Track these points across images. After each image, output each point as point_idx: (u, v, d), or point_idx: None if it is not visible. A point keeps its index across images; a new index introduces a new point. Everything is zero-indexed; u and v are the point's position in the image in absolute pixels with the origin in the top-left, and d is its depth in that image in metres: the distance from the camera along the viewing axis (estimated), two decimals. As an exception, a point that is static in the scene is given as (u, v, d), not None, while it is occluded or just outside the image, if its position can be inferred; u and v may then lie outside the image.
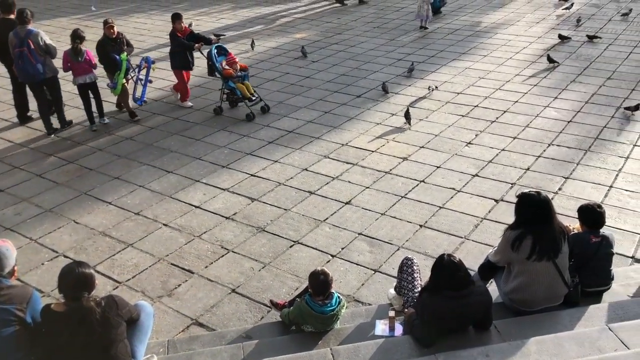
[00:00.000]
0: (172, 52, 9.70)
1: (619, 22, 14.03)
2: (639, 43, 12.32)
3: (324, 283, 4.15)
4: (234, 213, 6.61)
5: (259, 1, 18.29)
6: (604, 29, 13.54)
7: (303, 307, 4.19)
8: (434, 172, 7.37)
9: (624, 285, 4.75)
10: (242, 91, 9.20)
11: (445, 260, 3.83)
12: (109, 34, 8.95)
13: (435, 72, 11.09)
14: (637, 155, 7.55)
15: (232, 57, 9.46)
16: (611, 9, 15.34)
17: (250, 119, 9.11)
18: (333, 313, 4.19)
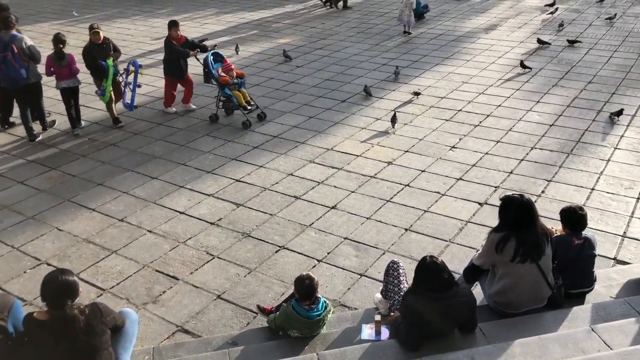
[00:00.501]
0: (166, 59, 9.54)
1: (599, 27, 14.24)
2: (619, 47, 12.51)
3: (309, 288, 4.15)
4: (219, 219, 6.59)
5: (243, 7, 18.29)
6: (584, 33, 13.73)
7: (289, 312, 4.19)
8: (418, 176, 7.40)
9: (606, 287, 4.81)
10: (238, 99, 9.09)
11: (427, 261, 3.85)
12: (95, 40, 8.81)
13: (419, 76, 11.16)
14: (618, 158, 7.65)
15: (228, 64, 9.36)
16: (591, 13, 15.56)
17: (247, 126, 8.99)
18: (319, 318, 4.19)
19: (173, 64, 9.43)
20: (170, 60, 9.42)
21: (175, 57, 9.33)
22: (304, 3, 18.45)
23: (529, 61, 11.82)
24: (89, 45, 8.86)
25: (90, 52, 8.79)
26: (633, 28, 13.98)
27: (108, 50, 8.91)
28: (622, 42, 12.90)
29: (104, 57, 8.76)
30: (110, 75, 8.78)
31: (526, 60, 11.87)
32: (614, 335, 3.86)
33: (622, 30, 13.78)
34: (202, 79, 9.70)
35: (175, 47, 9.31)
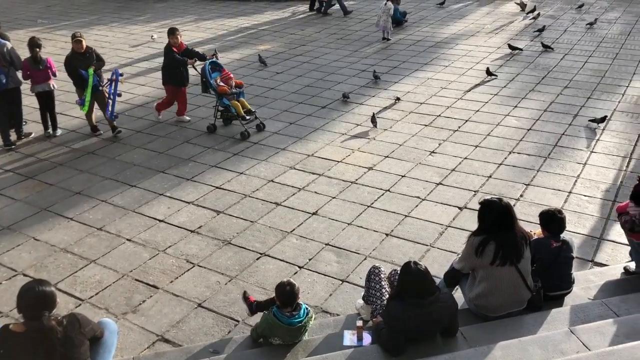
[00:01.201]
0: (164, 66, 9.34)
1: (574, 32, 14.47)
2: (593, 53, 12.73)
3: (290, 294, 4.13)
4: (199, 226, 6.54)
5: (222, 13, 18.25)
6: (560, 39, 13.94)
7: (271, 319, 4.16)
8: (399, 181, 7.44)
9: (584, 289, 4.87)
10: (236, 109, 8.87)
11: (412, 268, 3.86)
12: (77, 49, 8.61)
13: (399, 82, 11.23)
14: (594, 162, 7.78)
15: (227, 73, 9.15)
16: (567, 19, 15.82)
17: (245, 137, 8.80)
18: (301, 324, 4.17)
19: (174, 71, 9.22)
20: (171, 67, 9.21)
21: (174, 64, 9.13)
22: (282, 10, 18.47)
23: (506, 66, 11.99)
24: (71, 54, 8.69)
25: (72, 61, 8.61)
26: (607, 34, 14.24)
27: (91, 60, 8.70)
28: (597, 47, 13.13)
29: (86, 66, 8.56)
30: (89, 84, 8.57)
31: (503, 65, 12.03)
32: (592, 337, 3.90)
33: (596, 36, 14.03)
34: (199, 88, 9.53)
35: (174, 55, 9.10)
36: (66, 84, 9.63)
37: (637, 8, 16.80)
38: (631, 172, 7.43)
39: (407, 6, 17.43)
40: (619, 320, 4.13)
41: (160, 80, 11.23)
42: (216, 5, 19.46)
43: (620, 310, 4.39)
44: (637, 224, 4.80)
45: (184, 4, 20.00)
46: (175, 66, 9.16)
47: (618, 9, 16.70)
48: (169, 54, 9.14)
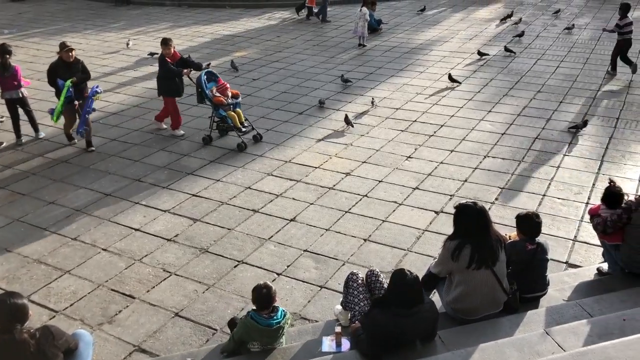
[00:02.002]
0: (160, 77, 9.12)
1: (546, 38, 14.73)
2: (565, 57, 12.97)
3: (267, 296, 4.12)
4: (176, 235, 6.48)
5: (198, 20, 18.18)
6: (532, 44, 14.18)
7: (248, 322, 4.13)
8: (376, 187, 7.47)
9: (559, 290, 4.95)
10: (233, 120, 8.69)
11: (408, 277, 3.84)
12: (66, 58, 8.34)
13: (375, 88, 11.30)
14: (567, 165, 7.91)
15: (223, 84, 8.95)
16: (539, 25, 16.09)
17: (242, 149, 8.59)
18: (279, 326, 4.16)
19: (169, 81, 9.01)
20: (166, 78, 9.01)
21: (169, 75, 8.95)
22: (258, 17, 18.48)
23: (480, 71, 12.15)
24: (56, 63, 8.43)
25: (56, 70, 8.36)
26: (577, 39, 14.53)
27: (75, 71, 8.42)
28: (568, 52, 13.38)
29: (70, 76, 8.30)
30: (62, 95, 8.30)
31: (477, 71, 12.18)
32: (567, 337, 3.96)
33: (567, 41, 14.30)
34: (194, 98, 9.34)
35: (169, 66, 8.92)
36: (39, 92, 9.49)
37: (606, 14, 17.18)
38: (603, 174, 7.57)
39: (383, 12, 17.58)
40: (593, 321, 4.20)
41: (136, 88, 11.24)
42: (191, 12, 19.39)
43: (594, 310, 4.46)
44: (609, 226, 4.90)
45: (159, 11, 19.90)
46: (171, 77, 8.97)
47: (588, 15, 17.06)
48: (164, 64, 8.94)
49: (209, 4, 20.27)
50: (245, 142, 8.69)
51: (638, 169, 7.72)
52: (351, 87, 11.42)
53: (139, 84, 12.00)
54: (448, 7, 18.94)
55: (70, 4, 21.78)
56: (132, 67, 13.24)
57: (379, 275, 4.59)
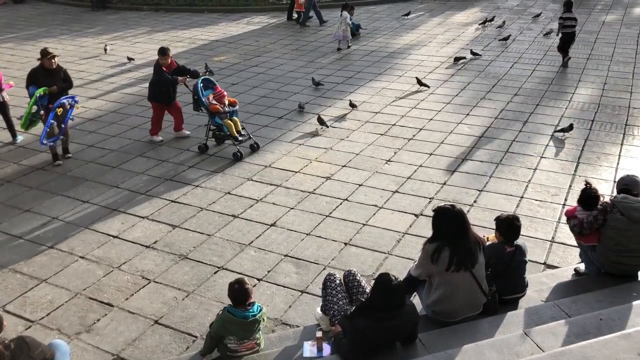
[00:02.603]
0: (152, 83, 8.98)
1: (522, 42, 14.91)
2: (541, 61, 13.15)
3: (239, 290, 4.16)
4: (155, 241, 6.42)
5: (175, 25, 18.07)
6: (509, 48, 14.35)
7: (225, 315, 4.17)
8: (356, 190, 7.49)
9: (537, 291, 5.00)
10: (229, 128, 8.47)
11: (394, 283, 3.85)
12: (48, 65, 8.13)
13: (354, 92, 11.34)
14: (544, 167, 8.01)
15: (220, 91, 8.74)
16: (515, 29, 16.28)
17: (238, 158, 8.40)
18: (255, 319, 4.17)
19: (160, 88, 8.87)
20: (158, 85, 8.86)
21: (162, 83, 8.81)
22: (237, 21, 18.43)
23: (457, 75, 12.25)
24: (36, 69, 8.21)
25: (35, 76, 8.14)
26: (553, 42, 14.73)
27: (56, 79, 8.20)
28: (544, 56, 13.57)
29: (49, 84, 8.07)
30: (31, 103, 8.05)
31: (455, 74, 12.29)
32: (546, 338, 4.00)
33: (543, 45, 14.50)
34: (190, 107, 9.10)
35: (164, 75, 8.76)
36: (13, 97, 9.34)
37: (580, 18, 17.43)
38: (579, 176, 7.68)
39: (361, 17, 17.64)
40: (570, 321, 4.25)
41: (114, 94, 11.15)
42: (169, 17, 19.27)
43: (572, 310, 4.52)
44: (586, 228, 4.97)
45: (136, 15, 19.73)
46: (163, 85, 8.82)
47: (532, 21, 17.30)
48: (159, 72, 8.79)
49: (187, 9, 20.17)
50: (242, 152, 8.49)
51: (613, 170, 7.85)
52: (331, 91, 11.44)
53: (116, 90, 11.88)
54: (426, 12, 19.09)
55: (45, 9, 21.50)
56: (110, 73, 13.11)
57: (356, 274, 4.60)
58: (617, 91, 11.01)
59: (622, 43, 14.50)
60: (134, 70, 13.27)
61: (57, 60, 8.31)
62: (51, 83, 8.15)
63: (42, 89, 8.03)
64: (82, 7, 21.34)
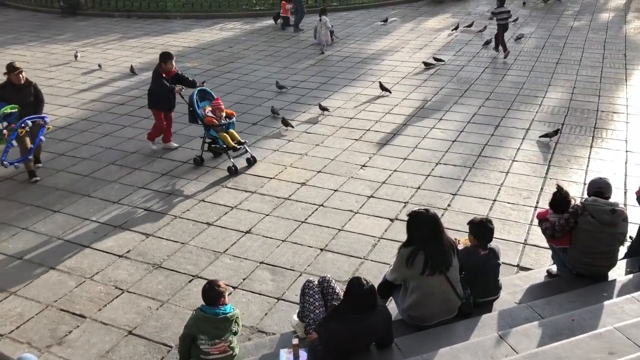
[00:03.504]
0: (151, 91, 8.77)
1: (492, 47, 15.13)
2: (512, 65, 13.36)
3: (209, 290, 4.16)
4: (128, 250, 6.33)
5: (147, 31, 17.90)
6: (480, 53, 14.55)
7: (197, 313, 4.17)
8: (332, 196, 7.49)
9: (511, 293, 5.06)
10: (225, 141, 8.17)
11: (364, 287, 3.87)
12: (16, 81, 7.80)
13: (328, 98, 11.36)
14: (516, 170, 8.12)
15: (218, 103, 8.47)
16: (486, 34, 16.51)
17: (232, 172, 8.10)
18: (226, 316, 4.14)
19: (160, 95, 8.65)
20: (157, 92, 8.64)
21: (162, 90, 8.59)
22: (210, 28, 18.33)
23: (430, 80, 12.37)
24: (4, 85, 7.86)
25: (2, 93, 7.75)
26: (523, 47, 15.00)
27: (26, 96, 7.82)
28: (515, 60, 13.79)
29: (18, 101, 7.70)
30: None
31: (428, 80, 12.41)
32: (520, 340, 4.05)
33: (514, 50, 14.72)
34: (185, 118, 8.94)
35: (163, 82, 8.53)
36: None
37: (549, 23, 17.81)
38: (550, 178, 7.81)
39: (335, 23, 17.67)
40: (544, 322, 4.31)
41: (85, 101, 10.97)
42: (141, 24, 19.08)
43: (545, 312, 4.58)
44: (558, 231, 5.05)
45: (107, 22, 19.50)
46: (162, 92, 8.61)
47: (532, 24, 17.64)
48: (158, 79, 8.56)
49: (159, 15, 20.00)
50: (237, 166, 8.20)
51: (583, 173, 8.00)
52: (305, 96, 11.45)
53: (87, 97, 11.71)
54: (398, 18, 19.26)
55: (13, 15, 21.12)
56: (81, 80, 12.92)
57: (330, 281, 4.59)
58: (586, 95, 11.24)
59: (589, 48, 14.83)
60: (105, 77, 13.10)
61: (24, 74, 7.97)
62: (20, 99, 7.79)
63: (9, 107, 7.64)
64: (52, 14, 21.01)
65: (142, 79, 12.78)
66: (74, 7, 20.73)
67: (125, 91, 12.06)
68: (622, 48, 14.75)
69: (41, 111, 8.10)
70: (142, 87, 12.26)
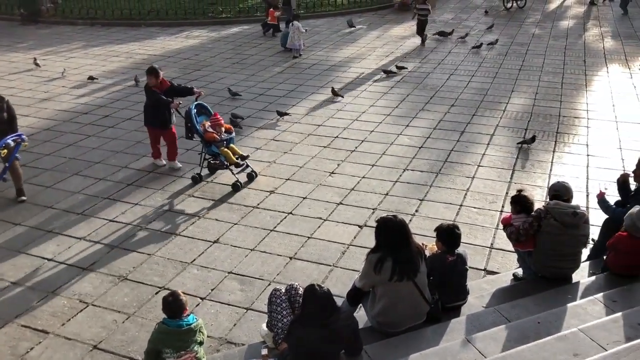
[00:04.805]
0: (146, 106, 8.34)
1: (457, 54, 15.37)
2: (476, 72, 13.58)
3: (173, 303, 4.09)
4: (92, 263, 6.20)
5: (111, 40, 17.63)
6: (445, 60, 14.76)
7: (159, 327, 4.11)
8: (300, 203, 7.47)
9: (478, 297, 5.11)
10: (227, 157, 7.82)
11: (316, 291, 3.88)
12: None
13: (296, 105, 11.36)
14: (481, 175, 8.24)
15: (217, 118, 8.10)
16: (451, 41, 16.77)
17: (238, 189, 7.81)
18: (189, 328, 4.08)
19: (155, 112, 8.19)
20: (152, 107, 8.20)
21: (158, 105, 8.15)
22: (175, 35, 18.16)
23: (396, 87, 12.49)
24: None
25: None
26: (487, 55, 15.27)
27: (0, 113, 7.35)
28: (478, 67, 14.02)
29: None
30: None
31: (394, 87, 12.53)
32: (487, 344, 4.09)
33: (478, 57, 14.99)
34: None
35: (159, 96, 8.07)
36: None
37: (511, 30, 18.18)
38: (515, 183, 7.94)
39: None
40: (510, 326, 4.37)
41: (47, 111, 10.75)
42: (105, 32, 18.79)
43: (511, 315, 4.64)
44: (522, 234, 5.13)
45: (70, 30, 19.13)
46: (159, 107, 8.16)
47: (495, 32, 17.97)
48: (152, 94, 8.11)
49: (124, 23, 19.71)
50: (241, 182, 7.94)
51: (547, 177, 8.16)
52: (273, 104, 11.41)
53: (49, 106, 11.46)
54: (364, 25, 19.41)
55: (-28, 23, 20.58)
56: (42, 89, 12.63)
57: (298, 289, 4.56)
58: (548, 100, 11.50)
59: (551, 54, 15.19)
60: (68, 85, 12.85)
61: None
62: None
63: None
64: (12, 22, 20.51)
65: (106, 88, 12.58)
66: (35, 15, 20.29)
67: (88, 100, 11.84)
68: (582, 54, 15.16)
69: (16, 128, 7.66)
70: (106, 95, 12.10)
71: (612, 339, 3.94)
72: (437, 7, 22.75)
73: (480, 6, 22.66)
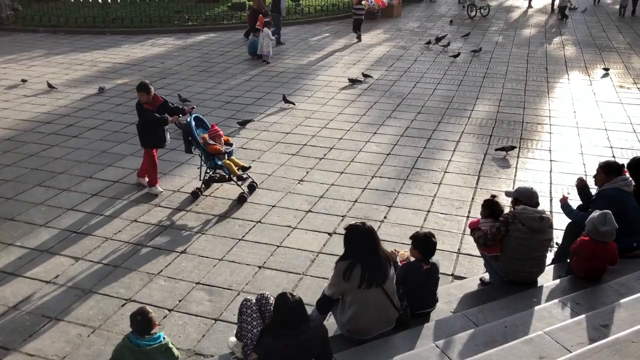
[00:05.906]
0: (140, 125, 7.85)
1: (423, 62, 15.58)
2: (441, 80, 13.78)
3: (141, 322, 4.01)
4: (56, 276, 6.04)
5: (75, 47, 17.32)
6: (411, 68, 14.94)
7: (123, 341, 4.04)
8: (269, 212, 7.44)
9: (446, 302, 5.16)
10: (230, 169, 7.63)
11: (290, 301, 3.84)
12: None
13: (264, 113, 11.34)
14: (448, 181, 8.34)
15: (217, 130, 7.82)
16: (416, 50, 17.00)
17: (244, 199, 7.67)
18: (150, 349, 3.98)
19: (151, 131, 7.78)
20: (147, 126, 7.77)
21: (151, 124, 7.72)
22: (141, 43, 17.95)
23: (364, 95, 12.58)
24: None
25: None
26: (452, 62, 15.52)
27: None
28: (444, 75, 14.24)
29: None
30: None
31: (362, 95, 12.61)
32: (456, 349, 4.13)
33: (442, 65, 15.22)
34: None
35: (153, 115, 7.65)
36: None
37: (475, 39, 18.53)
38: (480, 188, 8.06)
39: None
40: (478, 330, 4.41)
41: (7, 120, 10.48)
42: (68, 40, 18.44)
43: (479, 319, 4.70)
44: (490, 239, 5.21)
45: (32, 37, 18.72)
46: (153, 126, 7.75)
47: (460, 40, 18.30)
48: (145, 112, 7.65)
49: (87, 31, 19.40)
50: (247, 193, 7.83)
51: (511, 182, 8.31)
52: (240, 112, 11.37)
53: (9, 115, 11.17)
54: (331, 34, 19.53)
55: None
56: (2, 98, 12.31)
57: (269, 298, 4.53)
58: (512, 107, 11.73)
59: (514, 62, 15.53)
60: (29, 94, 12.55)
61: None
62: None
63: None
64: (-30, 29, 19.98)
65: (69, 96, 12.33)
66: (-6, 22, 19.82)
67: (51, 109, 11.58)
68: (544, 62, 15.54)
69: None
70: (69, 104, 11.86)
71: (576, 341, 4.02)
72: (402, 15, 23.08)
73: (445, 15, 23.06)
